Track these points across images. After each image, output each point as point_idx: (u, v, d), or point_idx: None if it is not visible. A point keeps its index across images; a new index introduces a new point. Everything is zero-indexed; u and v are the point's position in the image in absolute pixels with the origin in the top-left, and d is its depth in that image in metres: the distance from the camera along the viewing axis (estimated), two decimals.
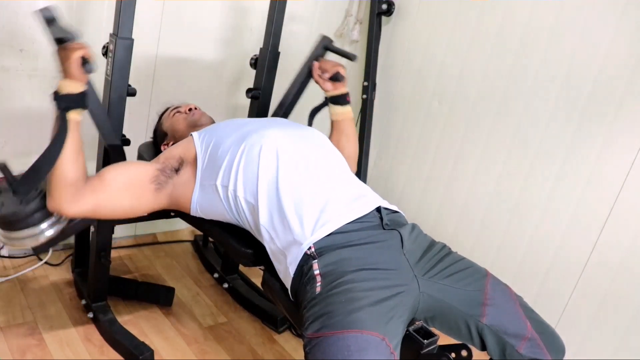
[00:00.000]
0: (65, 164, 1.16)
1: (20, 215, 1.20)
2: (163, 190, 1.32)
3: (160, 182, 1.31)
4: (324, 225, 1.17)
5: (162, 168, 1.32)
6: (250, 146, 1.29)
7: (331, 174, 1.32)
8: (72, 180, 1.18)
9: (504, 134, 1.83)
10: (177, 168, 1.34)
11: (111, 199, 1.25)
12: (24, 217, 1.21)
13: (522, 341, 1.11)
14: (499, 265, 1.83)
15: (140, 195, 1.29)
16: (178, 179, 1.34)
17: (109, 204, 1.25)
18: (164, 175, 1.32)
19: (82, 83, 1.17)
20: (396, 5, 2.15)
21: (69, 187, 1.18)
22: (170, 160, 1.34)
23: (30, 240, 1.24)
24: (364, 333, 0.97)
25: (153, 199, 1.31)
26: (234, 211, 1.32)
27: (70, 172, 1.17)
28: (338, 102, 1.61)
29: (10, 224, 1.22)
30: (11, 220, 1.21)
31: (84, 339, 1.58)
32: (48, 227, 1.24)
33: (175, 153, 1.36)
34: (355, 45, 2.34)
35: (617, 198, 1.56)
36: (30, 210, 1.21)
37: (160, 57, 1.90)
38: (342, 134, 1.63)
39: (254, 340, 1.73)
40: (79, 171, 1.19)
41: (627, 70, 1.52)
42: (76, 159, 1.18)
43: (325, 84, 1.60)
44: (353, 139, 1.65)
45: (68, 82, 1.15)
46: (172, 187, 1.33)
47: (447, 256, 1.24)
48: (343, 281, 1.07)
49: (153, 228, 2.21)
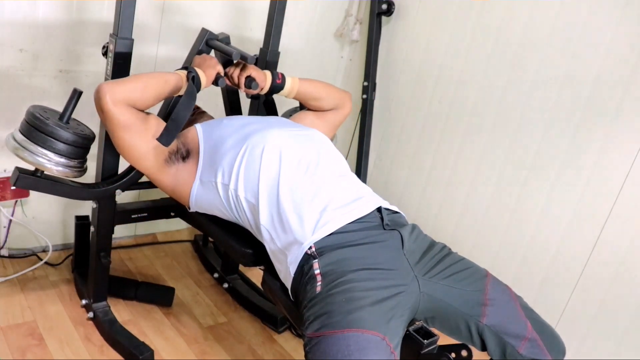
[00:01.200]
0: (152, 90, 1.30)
1: (54, 134, 1.29)
2: (168, 167, 1.38)
3: (172, 159, 1.38)
4: (325, 225, 1.17)
5: (177, 150, 1.39)
6: (252, 146, 1.30)
7: (332, 174, 1.32)
8: (135, 97, 1.28)
9: (504, 134, 1.83)
10: (184, 156, 1.39)
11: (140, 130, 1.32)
12: (56, 138, 1.29)
13: (522, 341, 1.11)
14: (499, 265, 1.83)
15: (157, 153, 1.36)
16: (183, 167, 1.38)
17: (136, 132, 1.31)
18: (175, 157, 1.39)
19: (208, 82, 1.43)
20: (396, 5, 2.15)
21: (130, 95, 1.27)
22: (184, 147, 1.40)
23: (38, 159, 1.28)
24: (364, 332, 0.97)
25: (159, 166, 1.38)
26: (234, 210, 1.32)
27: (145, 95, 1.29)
28: (276, 91, 1.58)
29: (40, 135, 1.28)
30: (45, 132, 1.28)
31: (84, 339, 1.58)
32: (57, 163, 1.31)
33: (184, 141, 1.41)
34: (355, 45, 2.34)
35: (617, 198, 1.56)
36: (64, 137, 1.30)
37: (160, 57, 1.90)
38: (308, 99, 1.61)
39: (254, 340, 1.73)
40: (146, 102, 1.31)
41: (626, 72, 1.52)
42: (156, 98, 1.33)
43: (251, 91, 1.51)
44: (320, 88, 1.61)
45: (203, 75, 1.41)
46: (176, 171, 1.38)
47: (447, 256, 1.24)
48: (343, 281, 1.07)
49: (153, 228, 2.21)
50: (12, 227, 1.82)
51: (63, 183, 1.41)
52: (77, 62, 1.75)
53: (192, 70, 1.38)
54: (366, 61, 2.20)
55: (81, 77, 1.77)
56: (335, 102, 1.63)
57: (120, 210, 1.61)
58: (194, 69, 1.39)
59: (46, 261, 1.88)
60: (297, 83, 1.57)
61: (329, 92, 1.63)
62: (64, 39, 1.69)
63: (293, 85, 1.57)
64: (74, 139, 1.32)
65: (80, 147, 1.35)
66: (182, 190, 1.39)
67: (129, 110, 1.28)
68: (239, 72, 1.51)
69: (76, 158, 1.36)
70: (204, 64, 1.45)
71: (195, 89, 1.37)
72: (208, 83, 1.44)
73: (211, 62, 1.45)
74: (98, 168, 1.52)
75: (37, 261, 1.87)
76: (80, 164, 1.39)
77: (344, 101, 1.66)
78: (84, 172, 1.41)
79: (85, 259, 1.72)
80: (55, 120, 1.32)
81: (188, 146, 1.40)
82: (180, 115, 1.32)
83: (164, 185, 1.41)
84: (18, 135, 1.30)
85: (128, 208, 1.66)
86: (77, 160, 1.36)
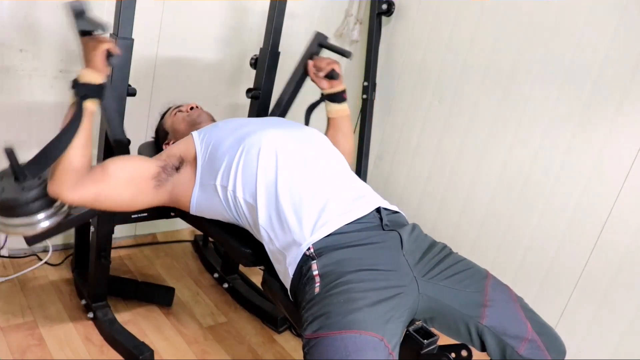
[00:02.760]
0: (73, 150, 1.16)
1: (19, 202, 1.20)
2: (163, 188, 1.32)
3: (161, 179, 1.32)
4: (323, 225, 1.17)
5: (164, 166, 1.33)
6: (249, 147, 1.29)
7: (331, 174, 1.32)
8: (77, 167, 1.18)
9: (504, 134, 1.83)
10: (177, 167, 1.35)
11: (112, 191, 1.25)
12: (23, 204, 1.20)
13: (522, 342, 1.11)
14: (498, 265, 1.83)
15: (141, 190, 1.29)
16: (178, 178, 1.34)
17: (110, 196, 1.25)
18: (165, 173, 1.32)
19: (103, 75, 1.19)
20: (396, 5, 2.15)
21: (72, 173, 1.18)
22: (172, 159, 1.35)
23: (25, 228, 1.24)
24: (363, 333, 0.97)
25: (153, 195, 1.32)
26: (234, 211, 1.32)
27: (77, 158, 1.17)
28: (334, 100, 1.61)
29: (8, 210, 1.21)
30: (10, 206, 1.20)
31: (84, 339, 1.58)
32: (45, 218, 1.24)
33: (176, 151, 1.37)
34: (355, 45, 2.34)
35: (617, 198, 1.56)
36: (31, 197, 1.21)
37: (160, 57, 1.90)
38: (338, 131, 1.63)
39: (254, 340, 1.73)
40: (84, 159, 1.19)
41: (627, 71, 1.52)
42: (85, 147, 1.19)
43: (322, 82, 1.60)
44: (349, 136, 1.66)
45: (90, 71, 1.17)
46: (172, 186, 1.34)
47: (447, 257, 1.24)
48: (342, 282, 1.07)
49: (153, 228, 2.21)
50: None
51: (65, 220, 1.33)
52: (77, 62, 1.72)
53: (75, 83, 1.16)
54: (366, 61, 2.20)
55: None
56: (348, 149, 1.66)
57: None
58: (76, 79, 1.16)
59: (46, 261, 1.88)
60: (347, 113, 1.64)
61: (351, 138, 1.68)
62: (64, 39, 1.69)
63: (345, 110, 1.63)
64: (39, 192, 1.22)
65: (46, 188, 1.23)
66: (183, 198, 1.36)
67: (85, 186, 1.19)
68: (329, 62, 1.57)
69: (54, 202, 1.25)
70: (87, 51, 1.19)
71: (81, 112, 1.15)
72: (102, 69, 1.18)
73: (91, 44, 1.18)
74: None
75: (37, 261, 1.87)
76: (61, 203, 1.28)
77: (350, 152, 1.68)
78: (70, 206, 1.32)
79: (85, 259, 1.72)
80: (11, 185, 1.21)
81: (182, 155, 1.36)
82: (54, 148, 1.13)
83: (166, 203, 1.37)
84: None
85: None
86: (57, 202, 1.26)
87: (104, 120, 1.45)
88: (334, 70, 1.57)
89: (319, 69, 1.59)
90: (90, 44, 1.18)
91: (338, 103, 1.61)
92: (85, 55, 1.19)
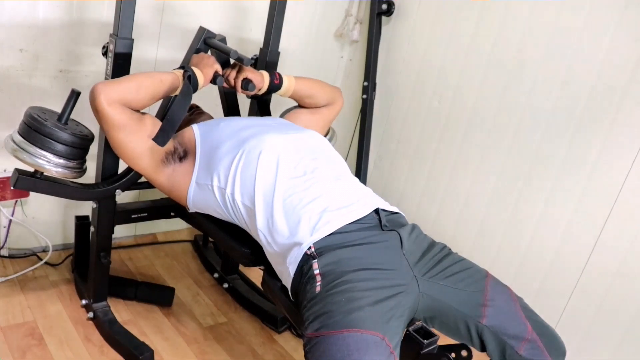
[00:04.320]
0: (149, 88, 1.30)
1: (52, 135, 1.28)
2: (165, 167, 1.38)
3: (169, 159, 1.39)
4: (324, 225, 1.17)
5: (175, 150, 1.39)
6: (248, 150, 1.30)
7: (330, 176, 1.32)
8: (135, 95, 1.28)
9: (504, 134, 1.83)
10: (182, 156, 1.39)
11: (134, 133, 1.31)
12: (54, 139, 1.28)
13: (522, 342, 1.11)
14: (498, 265, 1.83)
15: (152, 152, 1.36)
16: (179, 168, 1.39)
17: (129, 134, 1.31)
18: (172, 157, 1.38)
19: (205, 82, 1.43)
20: (396, 5, 2.15)
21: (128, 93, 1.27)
22: (181, 147, 1.40)
23: (35, 159, 1.28)
24: (364, 332, 0.97)
25: (156, 165, 1.38)
26: (232, 213, 1.32)
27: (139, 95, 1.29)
28: (274, 91, 1.59)
29: (37, 137, 1.27)
30: (42, 134, 1.27)
31: (84, 339, 1.58)
32: (56, 165, 1.30)
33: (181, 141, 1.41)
34: (355, 46, 2.34)
35: (617, 198, 1.56)
36: (62, 137, 1.29)
37: (160, 57, 1.90)
38: (303, 97, 1.62)
39: (254, 340, 1.73)
40: (141, 102, 1.30)
41: (625, 75, 1.52)
42: (152, 98, 1.32)
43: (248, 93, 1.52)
44: (314, 85, 1.63)
45: (200, 74, 1.40)
46: (172, 171, 1.38)
47: (447, 257, 1.24)
48: (343, 281, 1.07)
49: (153, 228, 2.21)
50: (12, 227, 1.83)
51: (63, 184, 1.41)
52: (77, 62, 1.75)
53: (189, 69, 1.37)
54: (366, 61, 2.20)
55: (81, 77, 1.77)
56: (327, 98, 1.66)
57: (120, 210, 1.62)
58: (190, 68, 1.38)
59: (46, 261, 1.88)
60: (294, 82, 1.58)
61: (322, 88, 1.66)
62: (64, 39, 1.69)
63: (289, 84, 1.58)
64: (73, 140, 1.32)
65: (79, 147, 1.35)
66: (179, 191, 1.39)
67: (124, 110, 1.28)
68: (235, 74, 1.50)
69: (75, 159, 1.35)
70: (202, 62, 1.44)
71: (192, 89, 1.35)
72: (206, 82, 1.43)
73: (209, 61, 1.45)
74: (98, 168, 1.52)
75: (37, 261, 1.87)
76: (80, 165, 1.38)
77: (335, 96, 1.69)
78: (84, 172, 1.41)
79: (85, 259, 1.72)
80: (54, 121, 1.32)
81: (185, 146, 1.40)
82: (176, 115, 1.30)
83: (161, 185, 1.41)
84: (17, 136, 1.30)
85: (128, 208, 1.67)
86: (76, 161, 1.36)
87: None
88: (244, 81, 1.49)
89: (231, 87, 1.53)
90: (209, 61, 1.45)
91: (280, 89, 1.58)
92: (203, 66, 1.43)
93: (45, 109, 1.39)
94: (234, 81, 1.51)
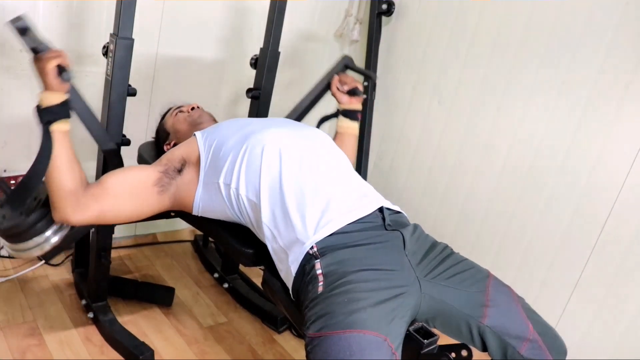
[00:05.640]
0: (61, 174, 1.15)
1: (22, 227, 1.20)
2: (166, 192, 1.31)
3: (164, 184, 1.30)
4: (326, 225, 1.17)
5: (165, 170, 1.31)
6: (252, 145, 1.29)
7: (334, 173, 1.32)
8: (71, 189, 1.17)
9: (504, 134, 1.83)
10: (179, 169, 1.33)
11: (115, 205, 1.23)
12: (27, 228, 1.20)
13: (523, 343, 1.11)
14: (499, 265, 1.83)
15: (145, 199, 1.28)
16: (182, 179, 1.33)
17: (113, 210, 1.24)
18: (167, 177, 1.31)
19: (62, 93, 1.13)
20: (396, 5, 2.15)
21: (69, 196, 1.16)
22: (173, 162, 1.33)
23: (36, 249, 1.23)
24: (366, 333, 0.97)
25: (157, 201, 1.30)
26: (236, 209, 1.32)
27: (68, 181, 1.16)
28: (349, 116, 1.64)
29: (14, 237, 1.21)
30: (15, 233, 1.20)
31: (84, 339, 1.58)
32: (52, 234, 1.23)
33: (178, 154, 1.36)
34: (355, 45, 2.34)
35: (617, 197, 1.56)
36: (32, 220, 1.20)
37: (160, 57, 1.90)
38: (343, 145, 1.63)
39: (254, 340, 1.73)
40: (75, 180, 1.18)
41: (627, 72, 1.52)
42: (71, 168, 1.17)
43: (342, 96, 1.63)
44: (352, 154, 1.69)
45: (48, 93, 1.12)
46: (176, 188, 1.32)
47: (448, 257, 1.24)
48: (345, 281, 1.07)
49: (153, 228, 2.21)
50: None
51: None
52: (77, 62, 1.75)
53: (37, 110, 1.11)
54: (366, 61, 2.20)
55: (81, 77, 1.77)
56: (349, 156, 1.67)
57: None
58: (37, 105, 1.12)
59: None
60: (356, 132, 1.67)
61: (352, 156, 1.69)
62: (64, 39, 1.69)
63: (355, 128, 1.66)
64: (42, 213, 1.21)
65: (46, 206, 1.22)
66: (186, 200, 1.34)
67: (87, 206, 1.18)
68: (354, 79, 1.63)
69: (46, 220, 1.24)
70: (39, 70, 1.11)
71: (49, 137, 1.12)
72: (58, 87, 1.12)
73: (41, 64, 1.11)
74: (98, 168, 1.52)
75: (37, 261, 1.87)
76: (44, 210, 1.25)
77: None
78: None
79: (85, 259, 1.72)
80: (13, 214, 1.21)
81: (184, 157, 1.35)
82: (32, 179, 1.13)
83: (170, 207, 1.36)
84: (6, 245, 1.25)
85: None
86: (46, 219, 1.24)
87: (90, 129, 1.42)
88: (357, 88, 1.61)
89: (343, 83, 1.63)
90: (38, 64, 1.11)
91: (351, 120, 1.64)
92: (39, 77, 1.12)
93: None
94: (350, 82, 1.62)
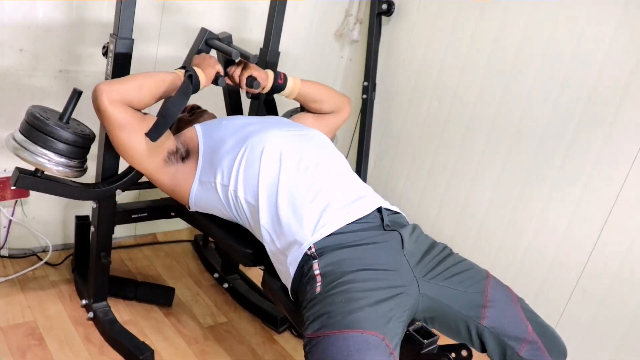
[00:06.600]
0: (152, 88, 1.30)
1: (54, 134, 1.28)
2: (168, 168, 1.38)
3: (171, 159, 1.38)
4: (325, 225, 1.17)
5: (177, 150, 1.39)
6: (252, 147, 1.30)
7: (332, 174, 1.32)
8: (132, 97, 1.28)
9: (504, 134, 1.83)
10: (184, 157, 1.39)
11: (136, 133, 1.30)
12: (55, 138, 1.29)
13: (522, 344, 1.11)
14: (498, 265, 1.83)
15: (154, 153, 1.35)
16: (182, 168, 1.38)
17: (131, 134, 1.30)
18: (174, 157, 1.38)
19: (207, 81, 1.41)
20: (396, 5, 2.15)
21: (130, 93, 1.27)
22: (183, 146, 1.40)
23: (37, 158, 1.28)
24: (364, 333, 0.97)
25: (158, 165, 1.37)
26: (234, 210, 1.32)
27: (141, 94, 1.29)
28: (277, 91, 1.58)
29: (39, 135, 1.28)
30: (44, 132, 1.27)
31: (84, 339, 1.58)
32: (57, 164, 1.30)
33: (184, 141, 1.41)
34: (355, 45, 2.34)
35: (617, 198, 1.56)
36: (64, 136, 1.30)
37: (160, 57, 1.90)
38: (308, 101, 1.61)
39: (254, 340, 1.73)
40: (143, 101, 1.30)
41: (624, 79, 1.52)
42: (154, 98, 1.32)
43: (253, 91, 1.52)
44: (321, 90, 1.62)
45: (201, 74, 1.39)
46: (175, 171, 1.38)
47: (447, 258, 1.24)
48: (343, 281, 1.07)
49: (153, 228, 2.21)
50: (12, 227, 1.83)
51: (63, 183, 1.41)
52: (77, 62, 1.75)
53: (190, 69, 1.37)
54: (366, 61, 2.20)
55: (81, 77, 1.77)
56: (334, 105, 1.64)
57: (120, 210, 1.62)
58: (192, 68, 1.38)
59: (46, 261, 1.88)
60: (299, 84, 1.57)
61: (329, 95, 1.64)
62: (64, 39, 1.69)
63: (294, 85, 1.56)
64: (74, 139, 1.32)
65: (80, 146, 1.35)
66: (182, 190, 1.39)
67: (126, 109, 1.28)
68: (240, 72, 1.50)
69: (76, 158, 1.35)
70: (203, 63, 1.44)
71: (190, 88, 1.35)
72: (207, 82, 1.42)
73: (210, 62, 1.44)
74: (98, 168, 1.52)
75: (37, 261, 1.87)
76: (80, 164, 1.38)
77: (343, 105, 1.66)
78: (84, 172, 1.41)
79: (85, 259, 1.72)
80: (55, 120, 1.32)
81: (187, 146, 1.40)
82: (170, 112, 1.31)
83: (163, 185, 1.41)
84: (18, 135, 1.30)
85: (128, 208, 1.67)
86: (77, 160, 1.36)
87: None
88: (249, 79, 1.49)
89: (235, 84, 1.53)
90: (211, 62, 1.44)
91: (284, 89, 1.57)
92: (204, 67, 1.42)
93: (47, 108, 1.39)
94: (239, 78, 1.50)
